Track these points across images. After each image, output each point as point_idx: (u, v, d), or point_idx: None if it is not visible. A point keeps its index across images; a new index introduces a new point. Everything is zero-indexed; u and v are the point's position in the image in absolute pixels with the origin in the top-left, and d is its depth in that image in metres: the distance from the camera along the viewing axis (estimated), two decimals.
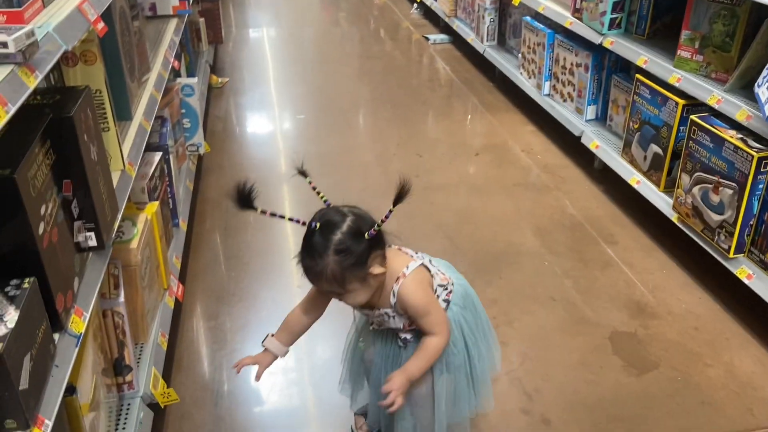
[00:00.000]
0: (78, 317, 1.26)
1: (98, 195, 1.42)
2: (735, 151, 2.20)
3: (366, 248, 1.41)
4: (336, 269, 1.40)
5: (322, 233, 1.41)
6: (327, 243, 1.39)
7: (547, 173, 3.51)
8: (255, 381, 1.61)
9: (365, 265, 1.42)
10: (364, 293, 1.47)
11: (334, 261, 1.39)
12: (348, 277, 1.42)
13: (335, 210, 1.47)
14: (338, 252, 1.39)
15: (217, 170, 3.53)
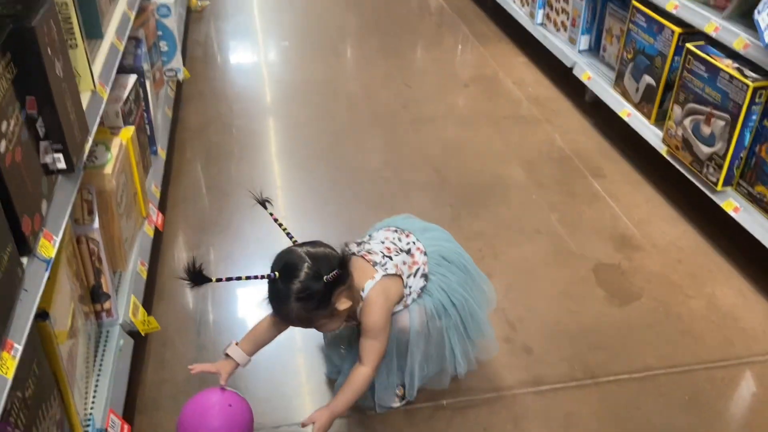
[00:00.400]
0: (47, 241, 1.21)
1: (65, 114, 1.34)
2: (730, 81, 2.15)
3: (328, 290, 1.44)
4: (301, 313, 1.44)
5: (283, 281, 1.43)
6: (288, 292, 1.42)
7: (538, 106, 3.44)
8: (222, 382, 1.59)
9: (329, 303, 1.46)
10: (335, 323, 1.53)
11: (297, 307, 1.43)
12: (314, 317, 1.48)
13: (294, 254, 1.46)
14: (299, 299, 1.43)
15: (197, 98, 3.42)
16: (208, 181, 2.80)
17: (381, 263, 1.59)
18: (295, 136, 3.15)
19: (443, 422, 1.76)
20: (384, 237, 1.69)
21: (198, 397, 1.55)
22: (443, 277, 1.68)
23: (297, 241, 1.54)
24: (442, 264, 1.70)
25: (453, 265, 1.71)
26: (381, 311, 1.54)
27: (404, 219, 1.83)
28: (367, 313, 1.54)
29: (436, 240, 1.75)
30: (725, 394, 1.88)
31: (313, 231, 2.49)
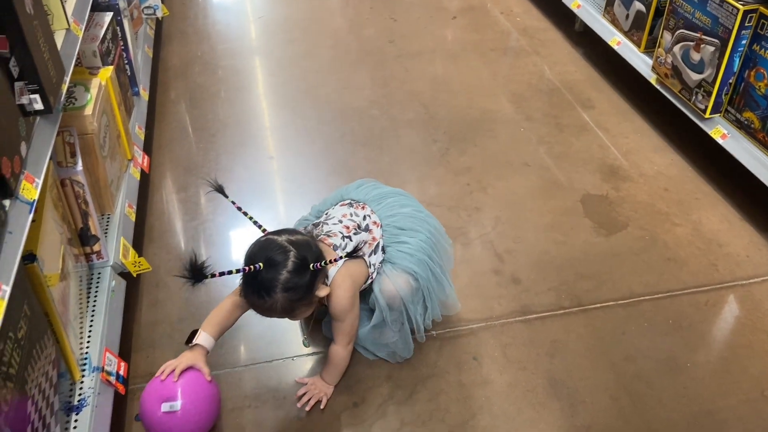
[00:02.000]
0: (29, 183, 1.20)
1: (39, 54, 1.31)
2: (720, 5, 2.10)
3: (311, 278, 1.43)
4: (285, 304, 1.42)
5: (268, 272, 1.39)
6: (274, 282, 1.39)
7: (526, 37, 3.37)
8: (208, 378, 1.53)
9: (312, 292, 1.45)
10: (309, 309, 1.52)
11: (283, 297, 1.41)
12: (297, 307, 1.46)
13: (276, 243, 1.43)
14: (286, 290, 1.40)
15: (179, 36, 3.33)
16: (194, 121, 2.76)
17: (341, 246, 1.58)
18: (281, 75, 3.09)
19: (433, 352, 1.80)
20: (341, 215, 1.67)
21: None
22: (399, 245, 1.67)
23: (266, 230, 1.52)
24: (398, 234, 1.69)
25: (411, 231, 1.70)
26: (347, 295, 1.54)
27: (358, 188, 1.79)
28: (334, 297, 1.54)
29: (391, 208, 1.73)
30: (708, 318, 1.93)
31: (302, 169, 2.50)
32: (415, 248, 1.66)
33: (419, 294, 1.68)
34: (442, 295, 1.75)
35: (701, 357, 1.82)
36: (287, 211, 2.30)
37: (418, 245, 1.66)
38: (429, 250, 1.67)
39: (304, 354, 1.80)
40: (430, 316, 1.74)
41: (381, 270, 1.65)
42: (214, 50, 3.27)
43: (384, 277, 1.63)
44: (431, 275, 1.68)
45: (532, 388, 1.72)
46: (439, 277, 1.70)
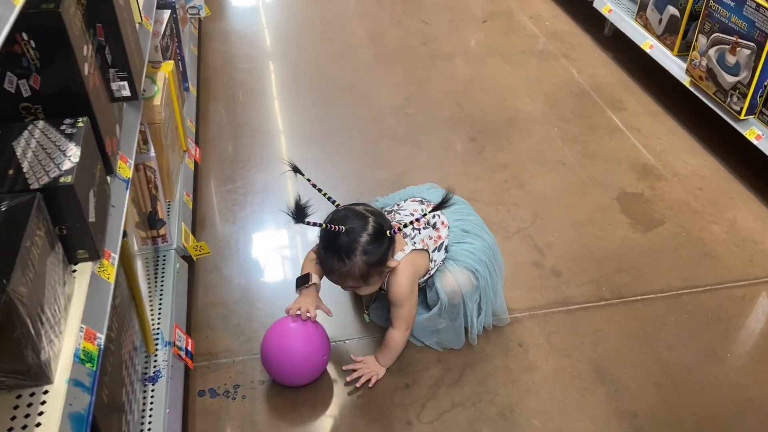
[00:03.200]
0: (124, 163, 1.28)
1: (128, 43, 1.39)
2: (757, 10, 2.17)
3: (387, 245, 1.53)
4: (363, 268, 1.51)
5: (349, 235, 1.48)
6: (354, 245, 1.48)
7: (556, 40, 3.45)
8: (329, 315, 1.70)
9: (386, 261, 1.54)
10: (378, 284, 1.60)
11: (363, 261, 1.50)
12: (372, 274, 1.54)
13: (355, 212, 1.54)
14: (366, 252, 1.49)
15: (218, 36, 3.42)
16: (237, 117, 2.84)
17: (410, 236, 1.66)
18: (318, 73, 3.17)
19: (480, 338, 1.87)
20: (413, 209, 1.75)
21: (277, 323, 1.66)
22: (463, 245, 1.75)
23: (339, 204, 1.60)
24: (463, 237, 1.77)
25: (475, 234, 1.79)
26: (407, 282, 1.62)
27: (429, 189, 1.89)
28: (395, 283, 1.62)
29: (459, 213, 1.82)
30: (745, 311, 1.99)
31: (342, 164, 2.57)
32: (478, 249, 1.73)
33: (477, 293, 1.75)
34: (494, 304, 1.81)
35: (740, 348, 1.88)
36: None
37: (482, 247, 1.75)
38: (490, 254, 1.76)
39: (356, 337, 1.87)
40: (482, 320, 1.81)
41: (443, 267, 1.72)
42: (252, 49, 3.36)
43: (446, 272, 1.71)
44: (489, 277, 1.75)
45: (577, 374, 1.78)
46: (494, 283, 1.78)
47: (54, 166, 0.98)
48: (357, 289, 1.62)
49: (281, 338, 1.63)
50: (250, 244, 2.22)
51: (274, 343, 1.63)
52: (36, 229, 0.87)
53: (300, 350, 1.62)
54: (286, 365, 1.63)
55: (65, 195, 0.95)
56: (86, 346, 0.91)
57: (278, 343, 1.63)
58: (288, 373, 1.65)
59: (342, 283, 1.59)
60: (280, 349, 1.62)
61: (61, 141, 1.03)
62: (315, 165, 2.59)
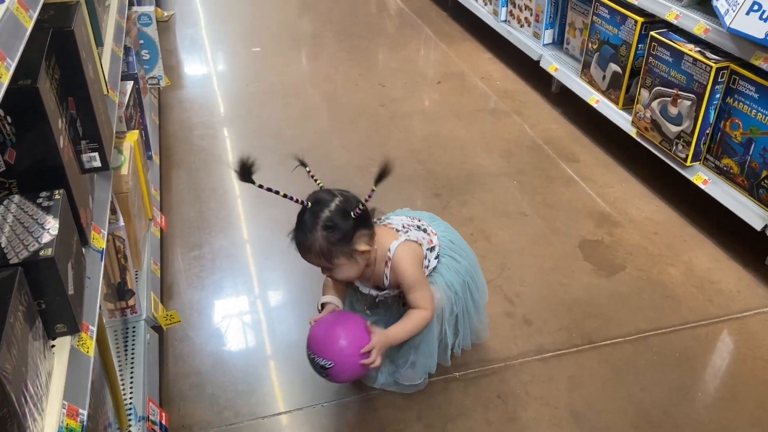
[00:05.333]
0: (97, 234, 1.27)
1: (99, 115, 1.40)
2: (694, 64, 2.34)
3: (352, 226, 1.55)
4: (323, 244, 1.54)
5: (312, 211, 1.54)
6: (316, 220, 1.53)
7: (507, 99, 3.60)
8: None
9: (351, 241, 1.56)
10: (351, 269, 1.61)
11: (322, 236, 1.53)
12: (335, 252, 1.56)
13: (326, 191, 1.60)
14: (326, 228, 1.53)
15: (178, 105, 3.45)
16: (200, 183, 2.84)
17: (403, 230, 1.72)
18: (280, 137, 3.22)
19: (459, 392, 1.87)
20: (400, 219, 1.80)
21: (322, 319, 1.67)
22: (452, 260, 1.80)
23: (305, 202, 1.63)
24: (452, 248, 1.82)
25: (461, 248, 1.84)
26: (411, 264, 1.65)
27: (410, 211, 1.95)
28: (399, 269, 1.64)
29: (446, 228, 1.89)
30: (710, 350, 2.05)
31: None
32: (463, 269, 1.77)
33: (454, 314, 1.77)
34: (476, 321, 1.86)
35: (709, 386, 1.93)
36: None
37: (467, 267, 1.78)
38: (474, 274, 1.80)
39: (345, 398, 1.85)
40: (461, 341, 1.83)
41: (432, 276, 1.74)
42: (212, 116, 3.39)
43: (432, 284, 1.73)
44: (470, 299, 1.79)
45: (557, 422, 1.79)
46: (476, 302, 1.81)
47: (33, 239, 0.97)
48: (329, 271, 1.62)
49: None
50: (220, 310, 2.19)
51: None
52: (18, 304, 0.85)
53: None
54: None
55: (46, 268, 0.93)
56: (69, 423, 0.88)
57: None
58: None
59: (309, 260, 1.60)
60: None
61: (38, 214, 1.02)
62: (280, 226, 2.59)
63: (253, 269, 2.37)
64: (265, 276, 2.35)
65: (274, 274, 2.37)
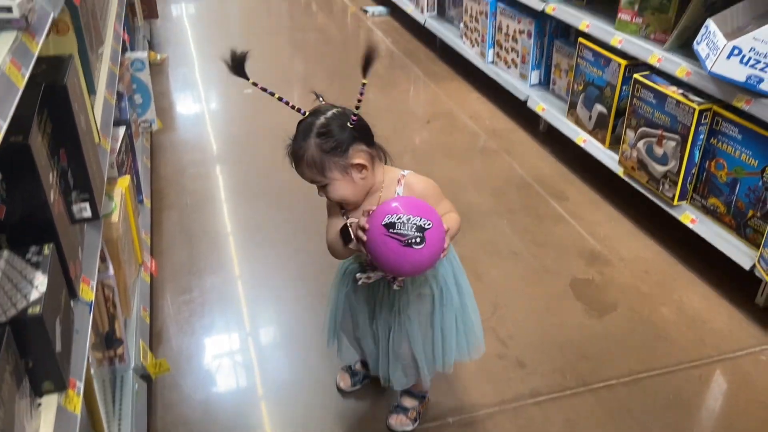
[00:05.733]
0: (86, 285, 1.26)
1: (90, 165, 1.41)
2: (677, 106, 2.38)
3: (348, 137, 1.47)
4: (316, 153, 1.46)
5: (308, 120, 1.49)
6: (311, 126, 1.47)
7: (496, 137, 3.65)
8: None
9: (346, 153, 1.47)
10: (346, 186, 1.50)
11: (315, 144, 1.46)
12: (327, 164, 1.47)
13: (325, 104, 1.53)
14: (319, 135, 1.46)
15: (170, 147, 3.47)
16: (191, 226, 2.84)
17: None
18: (273, 179, 3.22)
19: None
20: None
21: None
22: (452, 251, 1.69)
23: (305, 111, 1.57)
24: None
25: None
26: (427, 181, 1.58)
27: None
28: (416, 186, 1.55)
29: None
30: (704, 390, 2.04)
31: (301, 266, 2.57)
32: (455, 266, 1.70)
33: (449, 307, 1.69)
34: (471, 328, 1.74)
35: (705, 427, 1.92)
36: (288, 297, 2.36)
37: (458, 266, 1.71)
38: (459, 277, 1.72)
39: None
40: (464, 343, 1.73)
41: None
42: (204, 158, 3.41)
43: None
44: (467, 301, 1.72)
45: None
46: (471, 306, 1.74)
47: (21, 296, 0.96)
48: (323, 188, 1.53)
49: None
50: (209, 356, 2.16)
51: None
52: (5, 364, 0.84)
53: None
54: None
55: (34, 327, 0.93)
56: None
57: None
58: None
59: (302, 173, 1.52)
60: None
61: (27, 270, 1.02)
62: (272, 266, 2.59)
63: (244, 310, 2.36)
64: (256, 316, 2.33)
65: (265, 313, 2.36)
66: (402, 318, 1.67)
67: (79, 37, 1.78)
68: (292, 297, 2.43)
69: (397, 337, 1.70)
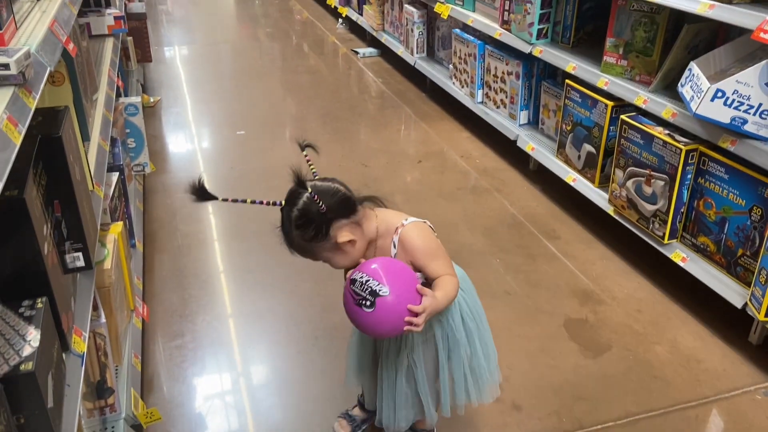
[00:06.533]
0: (78, 337, 1.25)
1: (84, 215, 1.41)
2: (664, 146, 2.42)
3: (326, 220, 1.49)
4: (301, 242, 1.51)
5: (285, 211, 1.52)
6: (288, 220, 1.51)
7: (487, 176, 3.68)
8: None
9: (328, 235, 1.50)
10: (342, 258, 1.55)
11: (297, 235, 1.51)
12: (316, 249, 1.53)
13: (301, 185, 1.53)
14: (298, 227, 1.50)
15: (162, 190, 3.47)
16: (183, 269, 2.82)
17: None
18: (266, 221, 3.20)
19: None
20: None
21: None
22: (463, 293, 1.69)
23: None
24: (464, 280, 1.72)
25: (473, 294, 1.76)
26: (423, 233, 1.56)
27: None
28: (409, 238, 1.53)
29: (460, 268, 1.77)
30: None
31: (295, 309, 2.56)
32: (466, 305, 1.69)
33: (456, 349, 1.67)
34: (485, 372, 1.72)
35: None
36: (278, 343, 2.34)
37: (471, 305, 1.70)
38: (477, 315, 1.73)
39: None
40: (475, 388, 1.71)
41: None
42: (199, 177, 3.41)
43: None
44: (478, 343, 1.70)
45: None
46: (486, 348, 1.72)
47: (13, 352, 0.95)
48: (324, 261, 1.56)
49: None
50: (201, 403, 2.13)
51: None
52: None
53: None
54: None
55: (26, 384, 0.92)
56: None
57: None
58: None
59: (297, 254, 1.57)
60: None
61: (19, 325, 1.01)
62: (265, 312, 2.57)
63: (237, 355, 2.33)
64: (248, 359, 2.31)
65: (257, 355, 2.34)
66: (409, 361, 1.68)
67: (75, 86, 1.80)
68: (284, 340, 2.42)
69: (405, 380, 1.70)
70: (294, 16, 7.51)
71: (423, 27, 4.82)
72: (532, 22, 3.29)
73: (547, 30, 3.32)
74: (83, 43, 2.24)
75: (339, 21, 6.83)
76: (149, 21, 6.81)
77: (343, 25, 6.76)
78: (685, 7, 2.28)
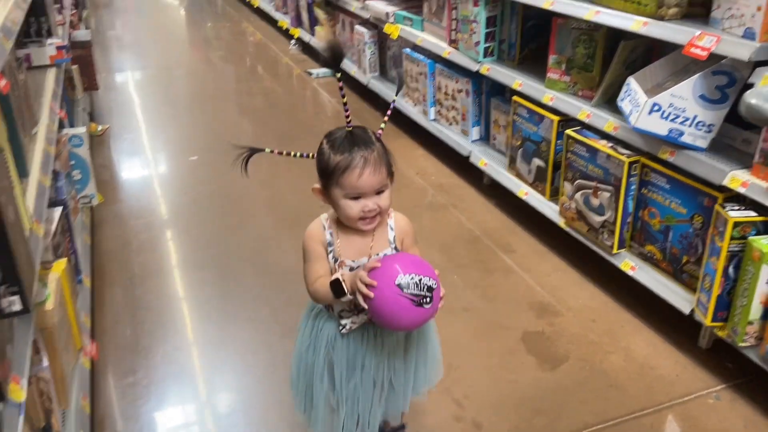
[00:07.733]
0: (16, 384, 1.20)
1: (19, 257, 1.37)
2: (608, 159, 2.48)
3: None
4: (383, 153, 1.54)
5: (357, 129, 1.55)
6: (366, 132, 1.55)
7: (443, 192, 3.71)
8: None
9: (388, 159, 1.57)
10: (390, 193, 1.58)
11: (379, 147, 1.54)
12: (387, 167, 1.55)
13: (364, 130, 1.58)
14: (378, 140, 1.55)
15: (112, 221, 3.39)
16: (135, 302, 2.76)
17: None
18: (221, 246, 3.19)
19: None
20: None
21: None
22: None
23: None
24: None
25: None
26: (406, 219, 1.68)
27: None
28: (402, 220, 1.67)
29: None
30: None
31: (253, 336, 2.52)
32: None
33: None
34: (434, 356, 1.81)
35: None
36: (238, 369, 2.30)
37: None
38: None
39: None
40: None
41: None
42: (149, 230, 3.35)
43: None
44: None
45: None
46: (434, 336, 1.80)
47: None
48: (382, 191, 1.54)
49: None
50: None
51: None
52: None
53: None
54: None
55: None
56: None
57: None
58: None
59: (374, 175, 1.51)
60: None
61: None
62: (221, 342, 2.52)
63: (201, 386, 2.28)
64: (210, 393, 2.26)
65: (220, 384, 2.29)
66: (392, 358, 1.69)
67: (10, 124, 1.76)
68: (248, 366, 2.38)
69: (392, 378, 1.71)
70: (247, 38, 7.49)
71: (374, 47, 4.85)
72: (479, 41, 3.34)
73: (493, 48, 3.38)
74: (20, 76, 2.18)
75: (291, 42, 6.83)
76: (97, 47, 6.71)
77: (296, 46, 6.76)
78: (621, 25, 2.36)
